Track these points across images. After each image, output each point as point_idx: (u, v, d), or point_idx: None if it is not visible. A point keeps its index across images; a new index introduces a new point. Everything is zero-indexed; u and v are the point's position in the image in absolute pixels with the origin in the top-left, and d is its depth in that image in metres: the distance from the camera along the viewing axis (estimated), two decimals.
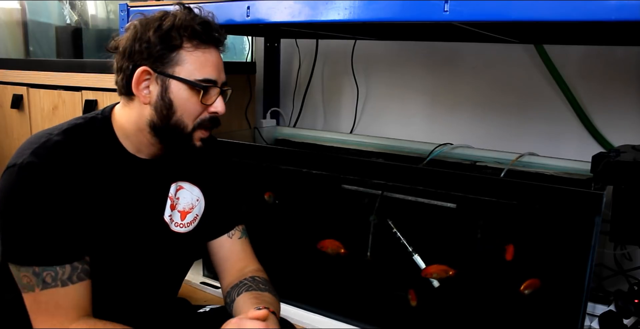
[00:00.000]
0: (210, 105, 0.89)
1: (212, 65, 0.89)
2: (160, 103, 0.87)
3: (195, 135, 0.90)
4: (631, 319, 1.08)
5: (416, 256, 1.16)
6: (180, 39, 0.85)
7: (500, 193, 1.04)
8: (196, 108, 0.88)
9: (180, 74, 0.86)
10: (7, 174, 0.81)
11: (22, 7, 2.15)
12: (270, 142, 1.73)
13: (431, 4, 0.87)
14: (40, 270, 0.80)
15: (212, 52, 0.89)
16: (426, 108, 1.67)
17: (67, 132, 0.87)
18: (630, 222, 0.96)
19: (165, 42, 0.85)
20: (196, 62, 0.86)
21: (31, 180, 0.79)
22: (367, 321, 1.25)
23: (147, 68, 0.85)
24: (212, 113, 0.90)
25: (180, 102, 0.87)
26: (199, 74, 0.87)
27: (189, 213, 0.99)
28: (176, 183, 0.98)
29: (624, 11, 0.72)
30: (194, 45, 0.86)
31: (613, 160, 0.95)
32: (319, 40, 1.80)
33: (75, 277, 0.82)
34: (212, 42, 0.89)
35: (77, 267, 0.82)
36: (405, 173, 1.14)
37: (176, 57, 0.86)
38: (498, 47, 1.50)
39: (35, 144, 0.83)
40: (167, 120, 0.87)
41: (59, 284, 0.80)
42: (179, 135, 0.88)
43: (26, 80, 1.86)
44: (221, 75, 0.91)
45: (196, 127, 0.89)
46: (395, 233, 1.18)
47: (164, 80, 0.86)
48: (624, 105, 1.35)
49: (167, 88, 0.86)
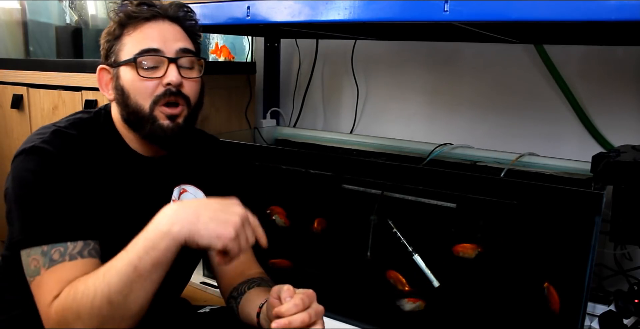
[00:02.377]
0: (159, 77, 0.84)
1: (150, 36, 0.85)
2: (116, 93, 0.87)
3: (156, 114, 0.85)
4: (631, 319, 1.08)
5: (416, 256, 1.16)
6: (120, 28, 0.86)
7: (500, 193, 1.04)
8: (144, 85, 0.84)
9: (122, 58, 0.86)
10: (19, 159, 0.81)
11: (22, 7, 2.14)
12: (270, 142, 1.73)
13: (431, 4, 0.87)
14: (49, 248, 0.76)
15: (152, 25, 0.86)
16: (426, 108, 1.67)
17: (74, 124, 0.87)
18: (630, 222, 0.96)
19: (108, 36, 0.88)
20: (133, 40, 0.86)
21: (42, 161, 0.79)
22: (367, 321, 1.25)
23: (103, 67, 0.89)
24: (166, 85, 0.84)
25: (128, 83, 0.85)
26: (136, 49, 0.84)
27: None
28: (180, 186, 0.97)
29: (624, 11, 0.72)
30: (133, 26, 0.86)
31: (613, 160, 0.95)
32: (319, 40, 1.80)
33: (86, 252, 0.78)
34: (152, 17, 0.86)
35: (90, 244, 0.79)
36: (405, 173, 1.14)
37: (118, 45, 0.87)
38: (498, 47, 1.50)
39: (44, 134, 0.83)
40: (127, 107, 0.86)
41: (67, 258, 0.76)
42: (142, 119, 0.85)
43: (26, 80, 1.86)
44: (169, 44, 0.85)
45: (152, 105, 0.84)
46: (395, 233, 1.18)
47: (116, 71, 0.87)
48: (624, 105, 1.35)
49: (118, 77, 0.86)
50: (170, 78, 0.84)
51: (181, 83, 0.85)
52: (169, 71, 0.84)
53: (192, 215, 0.71)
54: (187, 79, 0.87)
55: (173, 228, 0.70)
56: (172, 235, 0.70)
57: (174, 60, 0.85)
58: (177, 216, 0.71)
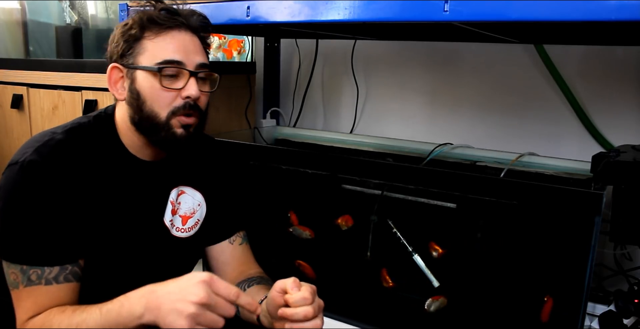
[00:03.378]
0: (179, 89, 0.85)
1: (173, 47, 0.85)
2: (130, 96, 0.87)
3: (172, 122, 0.86)
4: (631, 319, 1.08)
5: (416, 256, 1.16)
6: (141, 30, 0.85)
7: (500, 193, 1.04)
8: (164, 95, 0.85)
9: (142, 63, 0.85)
10: (9, 171, 0.81)
11: (22, 7, 2.14)
12: (270, 142, 1.73)
13: (431, 4, 0.87)
14: (27, 268, 0.79)
15: (175, 35, 0.86)
16: (426, 108, 1.67)
17: (71, 131, 0.87)
18: (630, 222, 0.96)
19: (126, 36, 0.86)
20: (156, 47, 0.85)
21: (31, 178, 0.80)
22: (367, 321, 1.25)
23: (116, 65, 0.87)
24: (185, 98, 0.86)
25: (146, 90, 0.85)
26: (158, 58, 0.85)
27: (190, 218, 0.99)
28: (178, 187, 0.97)
29: (624, 11, 0.72)
30: (155, 32, 0.86)
31: (613, 160, 0.95)
32: (319, 40, 1.80)
33: (62, 278, 0.81)
34: (175, 26, 0.87)
35: (67, 268, 0.81)
36: (405, 173, 1.14)
37: (138, 48, 0.86)
38: (498, 47, 1.50)
39: (39, 142, 0.83)
40: (141, 112, 0.86)
41: (43, 282, 0.79)
42: (156, 126, 0.86)
43: (26, 80, 1.86)
44: (191, 57, 0.86)
45: (170, 115, 0.85)
46: (395, 233, 1.18)
47: (132, 73, 0.86)
48: (624, 105, 1.35)
49: (134, 80, 0.86)
50: (190, 93, 0.85)
51: (198, 97, 0.87)
52: (190, 85, 0.85)
53: (154, 305, 0.71)
54: (202, 93, 0.88)
55: (144, 317, 0.72)
56: (143, 321, 0.72)
57: (195, 74, 0.86)
58: (147, 305, 0.72)
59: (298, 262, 1.31)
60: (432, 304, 1.14)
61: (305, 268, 1.30)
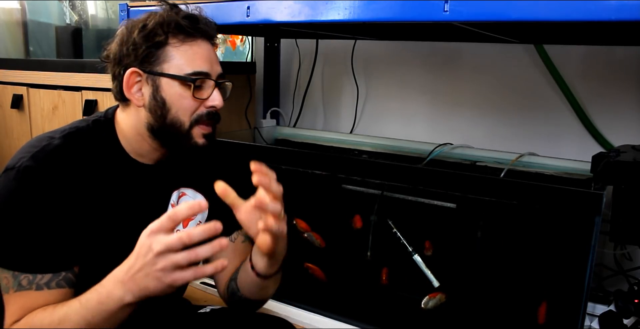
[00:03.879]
0: (205, 99, 0.86)
1: (201, 57, 0.86)
2: (154, 103, 0.85)
3: (194, 132, 0.87)
4: (631, 319, 1.08)
5: (416, 256, 1.16)
6: (165, 35, 0.84)
7: (500, 193, 1.04)
8: (190, 104, 0.85)
9: (170, 71, 0.84)
10: (5, 176, 0.81)
11: (22, 7, 2.14)
12: (270, 142, 1.73)
13: (431, 4, 0.87)
14: (19, 273, 0.79)
15: (201, 45, 0.86)
16: (426, 108, 1.67)
17: (69, 136, 0.86)
18: (630, 222, 0.96)
19: (149, 40, 0.84)
20: (184, 56, 0.84)
21: (27, 185, 0.79)
22: (367, 321, 1.25)
23: (136, 70, 0.85)
24: (209, 107, 0.87)
25: (173, 99, 0.84)
26: (188, 68, 0.84)
27: (192, 220, 0.98)
28: (179, 189, 0.97)
29: (624, 11, 0.72)
30: (180, 39, 0.85)
31: (613, 160, 0.95)
32: (319, 40, 1.80)
33: (55, 283, 0.80)
34: (200, 35, 0.87)
35: (60, 275, 0.81)
36: (405, 173, 1.14)
37: (163, 54, 0.84)
38: (498, 47, 1.50)
39: (35, 148, 0.82)
40: (163, 119, 0.85)
41: (33, 287, 0.79)
42: (177, 134, 0.86)
43: (26, 80, 1.86)
44: (214, 68, 0.88)
45: (193, 123, 0.86)
46: (395, 233, 1.18)
47: (154, 79, 0.84)
48: (624, 105, 1.35)
49: (159, 87, 0.85)
50: (216, 103, 0.87)
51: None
52: (215, 95, 0.87)
53: (130, 284, 0.71)
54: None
55: (126, 298, 0.72)
56: (126, 301, 0.72)
57: (219, 84, 0.88)
58: (124, 286, 0.72)
59: (307, 265, 1.30)
60: (430, 301, 1.14)
61: (315, 271, 1.29)
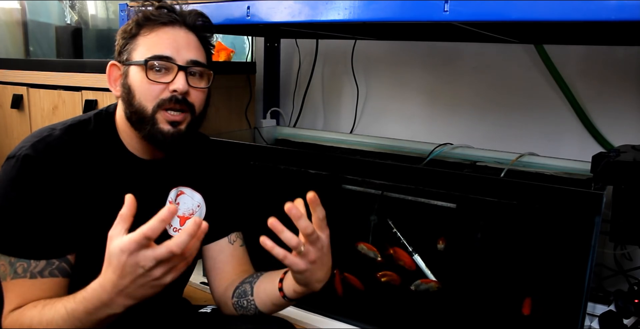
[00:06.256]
0: (167, 83, 0.85)
1: (164, 42, 0.86)
2: (123, 90, 0.88)
3: (157, 117, 0.85)
4: (631, 319, 1.08)
5: (416, 256, 1.16)
6: (137, 27, 0.87)
7: (500, 193, 1.04)
8: (151, 88, 0.85)
9: (134, 58, 0.87)
10: (6, 165, 0.83)
11: (22, 7, 2.15)
12: (270, 142, 1.73)
13: (431, 4, 0.87)
14: (15, 260, 0.80)
15: (169, 31, 0.87)
16: (426, 108, 1.67)
17: (70, 128, 0.88)
18: (630, 222, 0.96)
19: (124, 34, 0.88)
20: (148, 43, 0.86)
21: (25, 172, 0.81)
22: (367, 321, 1.25)
23: (114, 63, 0.89)
24: (172, 92, 0.85)
25: (136, 84, 0.86)
26: (149, 53, 0.85)
27: (189, 219, 0.98)
28: (177, 188, 0.97)
29: (624, 11, 0.73)
30: (149, 29, 0.87)
31: (613, 160, 0.95)
32: (319, 40, 1.80)
33: (48, 272, 0.81)
34: (169, 22, 0.87)
35: (53, 263, 0.82)
36: (405, 173, 1.14)
37: (132, 45, 0.87)
38: (498, 47, 1.50)
39: (36, 138, 0.84)
40: (131, 105, 0.86)
41: (28, 275, 0.80)
42: (143, 120, 0.86)
43: (26, 80, 1.86)
44: (182, 53, 0.86)
45: (156, 108, 0.85)
46: (396, 233, 1.18)
47: (126, 69, 0.87)
48: (624, 105, 1.35)
49: (127, 75, 0.87)
50: (177, 86, 0.85)
51: (187, 92, 0.86)
52: (177, 78, 0.85)
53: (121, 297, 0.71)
54: (194, 88, 0.88)
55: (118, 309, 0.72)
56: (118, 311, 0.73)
57: (184, 68, 0.86)
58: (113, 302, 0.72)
59: (343, 274, 1.26)
60: (421, 285, 1.15)
61: (351, 280, 1.25)
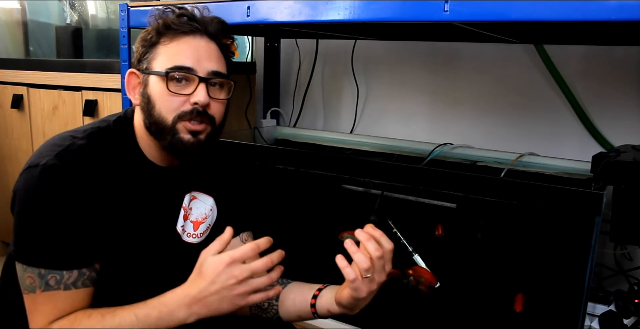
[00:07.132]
0: (188, 95, 0.84)
1: (185, 53, 0.85)
2: (142, 100, 0.86)
3: (178, 127, 0.84)
4: (631, 319, 1.08)
5: (416, 256, 1.16)
6: (157, 36, 0.85)
7: (500, 193, 1.04)
8: (172, 100, 0.84)
9: (155, 68, 0.85)
10: (28, 174, 0.80)
11: (22, 7, 2.15)
12: (270, 142, 1.73)
13: (431, 4, 0.87)
14: (46, 272, 0.79)
15: (189, 41, 0.86)
16: (426, 108, 1.67)
17: (91, 136, 0.86)
18: (630, 222, 0.96)
19: (144, 42, 0.87)
20: (169, 52, 0.85)
21: (51, 183, 0.79)
22: (368, 321, 1.25)
23: (133, 71, 0.88)
24: (193, 104, 0.84)
25: (156, 95, 0.84)
26: (169, 63, 0.84)
27: (202, 223, 0.98)
28: (190, 193, 0.97)
29: (624, 11, 0.73)
30: (170, 38, 0.85)
31: (613, 160, 0.95)
32: (319, 40, 1.80)
33: (80, 283, 0.81)
34: (190, 32, 0.86)
35: (85, 273, 0.81)
36: (405, 173, 1.14)
37: (153, 53, 0.86)
38: (498, 47, 1.50)
39: (59, 147, 0.82)
40: (150, 116, 0.85)
41: (62, 287, 0.79)
42: (163, 130, 0.85)
43: (26, 80, 1.86)
44: (203, 64, 0.85)
45: (176, 119, 0.84)
46: (396, 233, 1.18)
47: (145, 78, 0.86)
48: (624, 105, 1.35)
49: (147, 85, 0.86)
50: (198, 98, 0.84)
51: (208, 104, 0.85)
52: (198, 90, 0.84)
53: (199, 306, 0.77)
54: (215, 100, 0.87)
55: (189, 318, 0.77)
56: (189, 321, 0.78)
57: (205, 80, 0.85)
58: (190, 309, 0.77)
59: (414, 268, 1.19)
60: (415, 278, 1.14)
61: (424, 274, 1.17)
